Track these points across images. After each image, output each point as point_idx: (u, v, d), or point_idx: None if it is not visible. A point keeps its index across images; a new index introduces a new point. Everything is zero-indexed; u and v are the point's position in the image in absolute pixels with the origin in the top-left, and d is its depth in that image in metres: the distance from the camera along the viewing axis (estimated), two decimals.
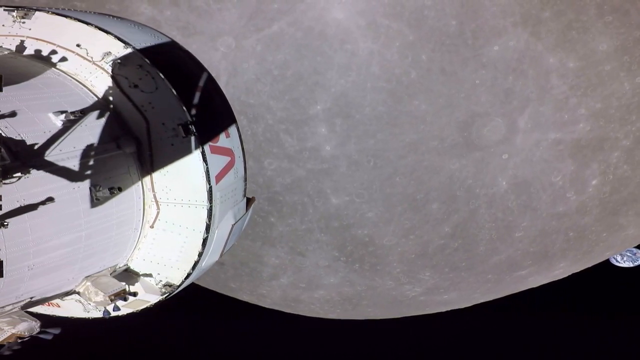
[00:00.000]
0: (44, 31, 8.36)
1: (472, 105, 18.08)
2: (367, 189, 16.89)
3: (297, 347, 22.74)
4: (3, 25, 8.41)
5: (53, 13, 8.37)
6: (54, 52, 8.26)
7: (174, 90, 8.03)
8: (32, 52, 8.27)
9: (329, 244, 17.82)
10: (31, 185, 6.93)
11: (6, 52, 8.15)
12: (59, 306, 8.59)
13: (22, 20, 8.34)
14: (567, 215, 20.12)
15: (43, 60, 8.22)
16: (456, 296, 21.37)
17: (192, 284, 20.39)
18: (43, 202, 7.02)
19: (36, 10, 8.41)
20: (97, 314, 8.51)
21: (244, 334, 22.59)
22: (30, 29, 8.37)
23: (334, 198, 17.10)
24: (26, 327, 6.92)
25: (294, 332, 22.04)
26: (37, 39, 8.33)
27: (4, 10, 8.39)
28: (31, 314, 8.79)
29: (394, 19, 16.54)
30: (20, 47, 8.29)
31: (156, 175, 8.22)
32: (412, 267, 18.99)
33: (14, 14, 8.36)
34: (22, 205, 6.83)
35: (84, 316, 8.66)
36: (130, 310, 8.70)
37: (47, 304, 8.52)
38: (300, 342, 22.65)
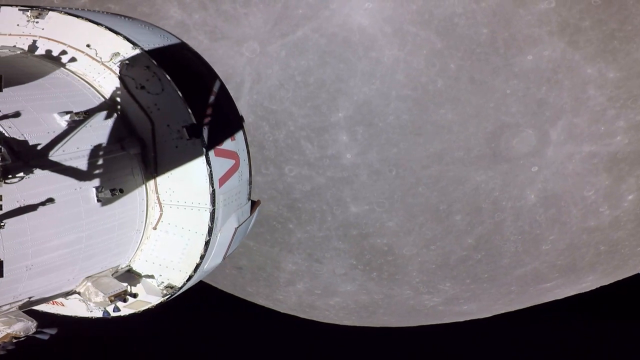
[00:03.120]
0: (56, 31, 8.26)
1: (502, 115, 17.56)
2: (388, 199, 16.50)
3: (310, 352, 22.56)
4: (18, 25, 8.34)
5: (65, 13, 8.27)
6: (64, 52, 8.15)
7: (179, 92, 7.85)
8: (43, 52, 8.20)
9: (347, 252, 17.48)
10: (32, 185, 6.80)
11: (18, 52, 8.10)
12: (64, 305, 8.50)
13: (36, 20, 8.28)
14: (599, 230, 19.41)
15: (53, 60, 8.10)
16: (476, 307, 20.72)
17: (210, 286, 20.36)
18: (43, 203, 6.84)
19: (50, 10, 8.37)
20: (100, 313, 8.41)
21: (258, 338, 22.52)
22: (43, 29, 8.28)
23: (354, 206, 16.74)
24: (22, 327, 6.80)
25: (308, 337, 21.87)
26: (48, 38, 8.24)
27: (19, 10, 8.37)
28: (36, 312, 8.76)
29: (421, 26, 16.16)
30: (33, 47, 8.21)
31: (160, 177, 8.03)
32: (432, 277, 18.51)
33: (29, 13, 8.32)
34: (22, 205, 6.68)
35: (87, 315, 8.56)
36: (132, 311, 8.59)
37: (51, 302, 8.45)
38: (315, 347, 22.48)
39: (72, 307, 8.51)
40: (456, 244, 18.02)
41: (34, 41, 8.22)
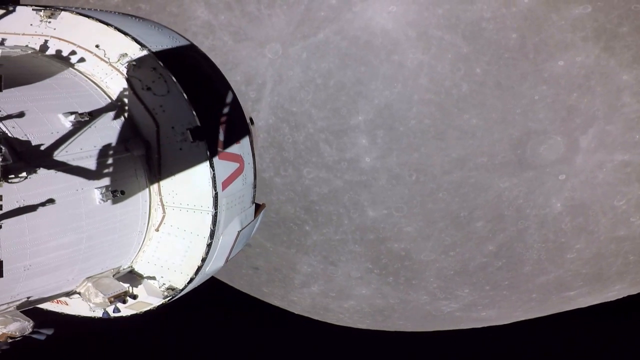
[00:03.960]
0: (67, 31, 8.11)
1: (529, 121, 17.02)
2: (407, 203, 16.10)
3: (323, 354, 22.36)
4: (31, 25, 8.27)
5: (77, 13, 8.17)
6: (73, 52, 7.99)
7: (184, 94, 7.67)
8: (54, 52, 8.10)
9: (363, 255, 17.16)
10: (33, 186, 6.67)
11: (30, 52, 8.05)
12: (67, 304, 8.46)
13: (48, 20, 8.20)
14: (629, 239, 18.72)
15: (62, 60, 7.94)
16: (495, 313, 20.14)
17: (226, 285, 20.29)
18: (43, 204, 6.70)
19: (62, 10, 8.31)
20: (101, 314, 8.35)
21: (271, 338, 22.41)
22: (55, 29, 8.15)
23: (371, 210, 16.38)
24: (17, 327, 6.71)
25: (321, 340, 21.67)
26: (59, 38, 8.12)
27: (33, 10, 8.34)
28: (40, 311, 8.73)
29: (447, 30, 15.75)
30: (44, 47, 8.11)
31: (163, 179, 7.85)
32: (450, 283, 18.05)
33: (41, 13, 8.26)
34: (22, 205, 6.56)
35: (90, 315, 8.51)
36: (133, 312, 8.51)
37: (56, 301, 8.41)
38: (328, 350, 22.27)
39: (76, 307, 8.45)
40: (476, 250, 17.54)
41: (46, 41, 8.14)
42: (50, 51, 8.09)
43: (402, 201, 16.15)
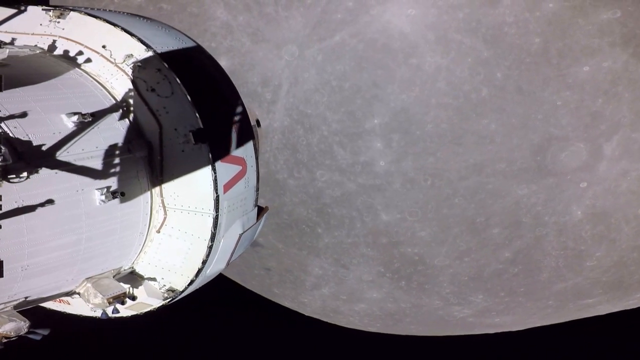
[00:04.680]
0: (75, 31, 7.94)
1: (551, 127, 16.54)
2: (421, 208, 15.72)
3: (332, 356, 22.15)
4: (41, 25, 8.17)
5: (85, 13, 8.09)
6: (80, 52, 7.82)
7: (188, 96, 7.47)
8: (61, 52, 8.02)
9: (375, 259, 16.84)
10: (33, 186, 6.55)
11: (38, 52, 7.99)
12: (69, 304, 8.39)
13: (57, 20, 8.12)
14: None
15: (69, 60, 7.76)
16: (510, 319, 19.58)
17: (238, 285, 20.17)
18: (42, 204, 6.58)
19: (71, 10, 8.23)
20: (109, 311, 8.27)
21: (280, 339, 22.24)
22: (63, 29, 8.00)
23: (385, 214, 16.01)
24: (13, 327, 6.60)
25: (331, 342, 21.44)
26: (67, 39, 7.97)
27: (42, 10, 8.28)
28: (43, 310, 8.69)
29: (467, 34, 15.37)
30: (52, 47, 7.97)
31: (165, 180, 7.67)
32: (463, 289, 17.61)
33: (51, 13, 8.18)
34: (20, 206, 6.45)
35: (92, 315, 8.43)
36: (133, 313, 8.42)
37: (58, 300, 8.35)
38: (337, 352, 22.03)
39: (78, 306, 8.35)
40: (492, 257, 17.10)
41: (54, 41, 8.02)
42: (58, 51, 7.98)
43: (416, 206, 15.80)
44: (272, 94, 15.07)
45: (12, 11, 8.30)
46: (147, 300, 8.14)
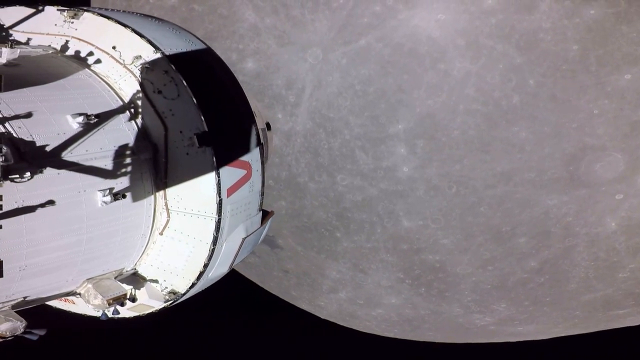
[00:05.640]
0: (87, 32, 7.58)
1: (586, 136, 15.72)
2: (444, 216, 15.08)
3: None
4: (55, 25, 8.00)
5: (98, 14, 7.94)
6: (91, 53, 7.47)
7: (194, 99, 7.14)
8: (73, 53, 7.68)
9: (395, 265, 16.26)
10: (34, 186, 6.29)
11: (50, 52, 7.91)
12: (74, 303, 8.29)
13: (71, 20, 7.99)
14: None
15: (80, 61, 7.50)
16: (533, 329, 18.61)
17: (256, 286, 19.97)
18: (42, 205, 6.34)
19: (85, 10, 8.11)
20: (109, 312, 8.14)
21: (295, 340, 21.96)
22: (76, 29, 7.67)
23: (406, 221, 15.39)
24: (8, 327, 6.42)
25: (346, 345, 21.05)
26: (79, 39, 7.69)
27: (57, 10, 8.20)
28: (49, 308, 8.62)
29: (500, 40, 14.73)
30: (65, 47, 7.74)
31: (169, 183, 7.36)
32: (486, 297, 16.86)
33: (65, 14, 8.07)
34: (20, 206, 6.21)
35: (96, 315, 8.32)
36: (135, 314, 8.28)
37: (63, 299, 8.25)
38: (352, 355, 21.62)
39: (83, 306, 8.24)
40: (517, 266, 16.35)
41: (67, 41, 7.81)
42: (70, 52, 7.77)
43: (439, 213, 15.21)
44: (296, 97, 14.76)
45: (31, 11, 8.21)
46: (148, 302, 7.94)
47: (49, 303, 8.08)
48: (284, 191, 16.05)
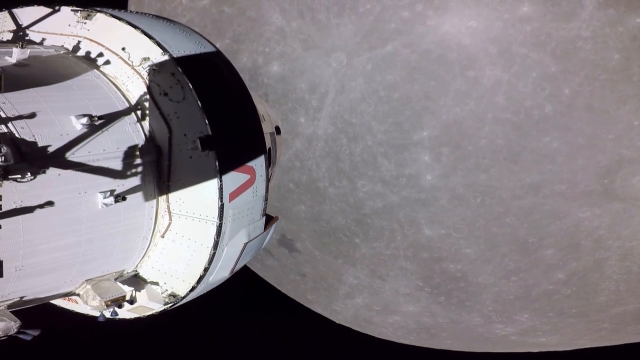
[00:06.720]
0: (99, 33, 7.27)
1: (623, 149, 14.76)
2: (468, 225, 14.32)
3: None
4: (69, 25, 7.81)
5: (110, 15, 7.73)
6: (101, 54, 7.16)
7: (199, 102, 6.85)
8: (84, 53, 7.50)
9: (414, 273, 15.59)
10: (35, 187, 6.09)
11: (62, 52, 7.77)
12: (77, 302, 8.17)
13: (84, 21, 7.82)
14: None
15: (89, 62, 7.22)
16: (556, 339, 17.49)
17: (274, 288, 19.64)
18: (41, 206, 6.11)
19: (98, 11, 7.95)
20: (108, 314, 7.99)
21: (310, 344, 21.56)
22: (88, 30, 7.36)
23: (428, 229, 14.63)
24: (2, 327, 6.19)
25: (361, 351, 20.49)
26: (91, 40, 7.42)
27: (71, 10, 8.08)
28: (53, 307, 8.51)
29: (534, 47, 13.93)
30: (76, 48, 7.51)
31: (172, 186, 7.10)
32: (508, 307, 15.97)
33: (78, 14, 7.90)
34: (19, 207, 6.01)
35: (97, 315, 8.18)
36: (135, 315, 8.10)
37: (67, 299, 8.14)
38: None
39: (85, 305, 8.16)
40: (543, 277, 15.44)
41: (79, 42, 7.57)
42: (81, 52, 7.52)
43: (463, 223, 14.48)
44: (318, 101, 14.34)
45: (48, 10, 8.10)
46: (148, 304, 7.71)
47: (53, 302, 7.95)
48: (303, 195, 15.71)
